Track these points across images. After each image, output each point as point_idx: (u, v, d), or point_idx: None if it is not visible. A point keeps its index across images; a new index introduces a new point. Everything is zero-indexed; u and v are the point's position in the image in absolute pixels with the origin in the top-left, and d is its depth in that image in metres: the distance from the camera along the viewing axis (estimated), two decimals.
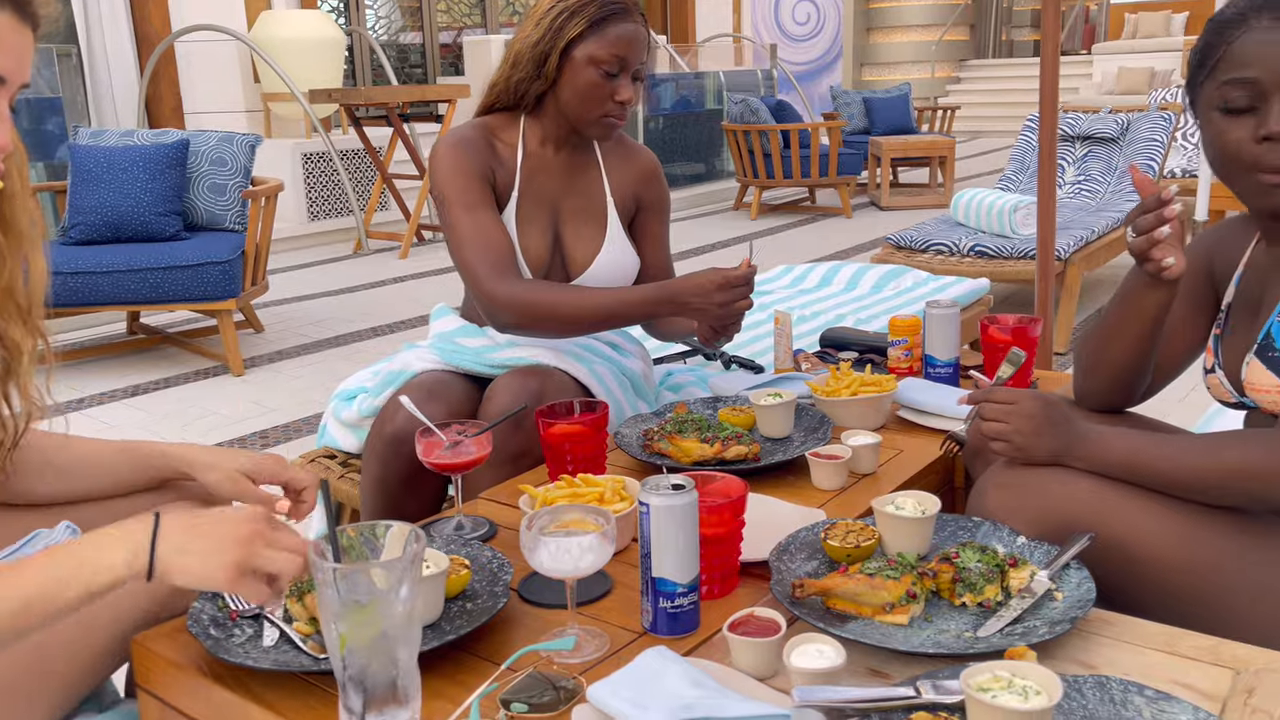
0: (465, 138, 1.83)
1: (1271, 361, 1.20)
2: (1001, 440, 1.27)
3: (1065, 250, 3.88)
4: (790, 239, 6.77)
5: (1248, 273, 1.32)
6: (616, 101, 1.77)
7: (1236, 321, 1.32)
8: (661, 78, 8.68)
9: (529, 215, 1.86)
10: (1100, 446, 1.22)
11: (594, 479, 1.39)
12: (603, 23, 1.73)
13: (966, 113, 13.86)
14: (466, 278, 1.75)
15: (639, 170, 1.97)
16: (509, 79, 1.83)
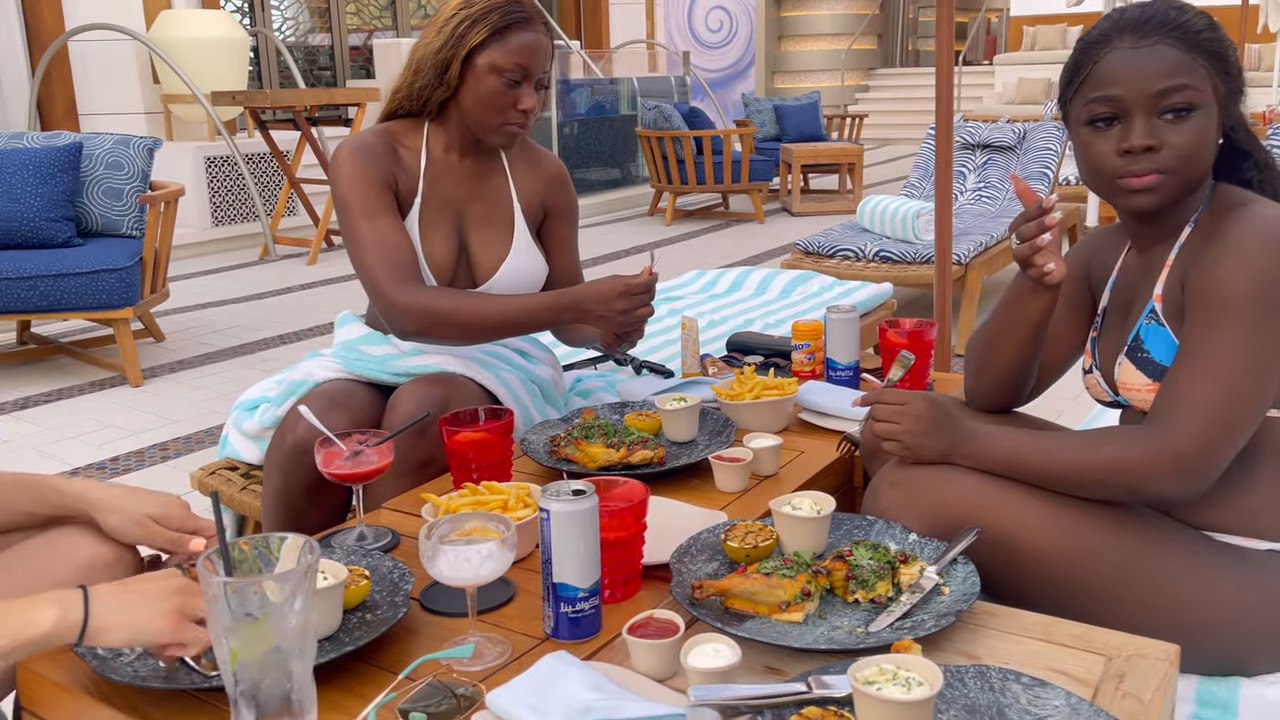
0: (367, 144, 1.82)
1: (1141, 362, 1.26)
2: (892, 440, 1.31)
3: (965, 255, 4.00)
4: (704, 244, 6.84)
5: (1120, 277, 1.39)
6: (518, 110, 1.78)
7: (1110, 324, 1.39)
8: (576, 83, 8.69)
9: (432, 221, 1.85)
10: (985, 445, 1.27)
11: (498, 486, 1.39)
12: (505, 31, 1.73)
13: (875, 120, 14.20)
14: (367, 285, 1.73)
15: (546, 177, 1.98)
16: (411, 85, 1.82)
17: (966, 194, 5.17)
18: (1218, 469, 1.16)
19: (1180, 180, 1.25)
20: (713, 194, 8.22)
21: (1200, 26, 1.23)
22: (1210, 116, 1.23)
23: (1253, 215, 1.18)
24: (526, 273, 1.91)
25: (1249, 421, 1.16)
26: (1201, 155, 1.24)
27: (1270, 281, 1.13)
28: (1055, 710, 0.91)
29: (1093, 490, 1.22)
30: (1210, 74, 1.23)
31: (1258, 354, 1.13)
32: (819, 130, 9.04)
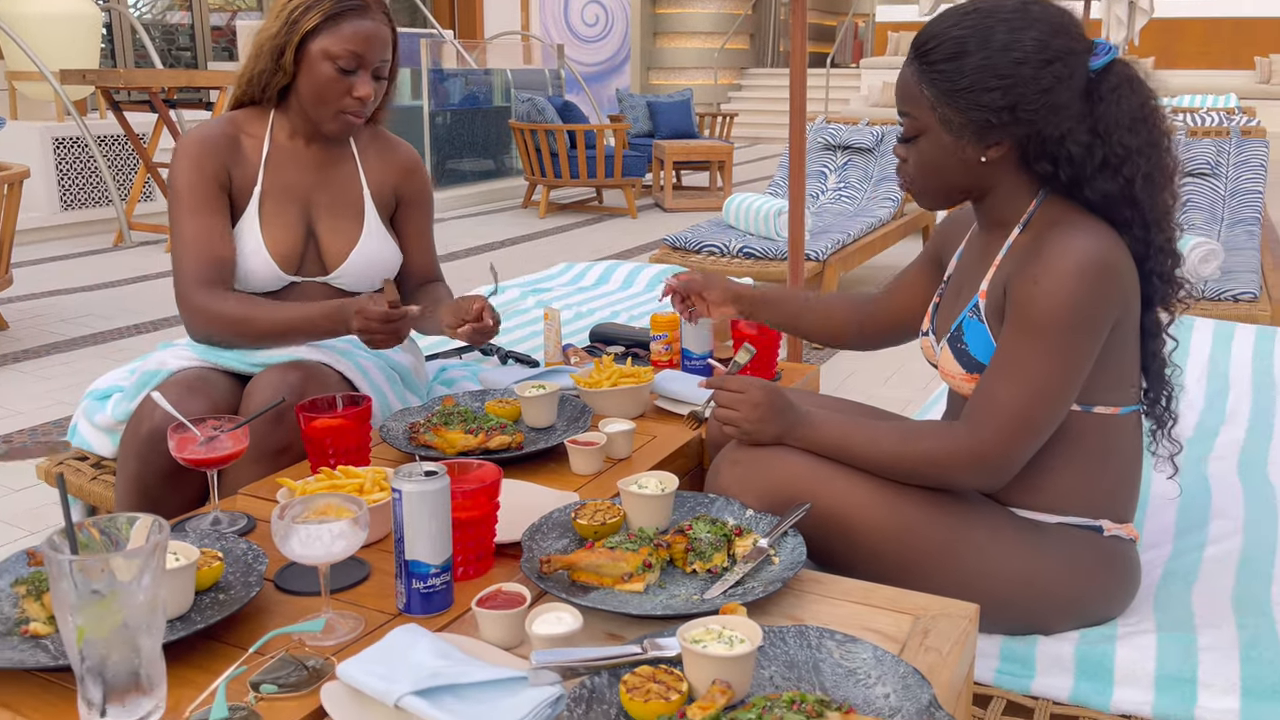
0: (207, 135, 1.83)
1: (958, 352, 1.38)
2: (731, 425, 1.40)
3: (823, 252, 4.18)
4: (578, 237, 6.89)
5: (965, 251, 1.51)
6: (354, 98, 1.79)
7: (948, 295, 1.51)
8: (449, 73, 8.61)
9: (276, 209, 1.86)
10: (815, 430, 1.38)
11: (354, 471, 1.42)
12: (338, 17, 1.75)
13: (747, 119, 14.51)
14: (175, 281, 1.77)
15: (398, 164, 2.00)
16: (251, 71, 1.83)
17: (827, 193, 5.39)
18: (1016, 467, 1.30)
19: (927, 190, 1.38)
20: (586, 188, 8.29)
21: (939, 56, 1.28)
22: (938, 141, 1.31)
23: (1073, 239, 1.25)
24: (377, 260, 1.93)
25: (1048, 428, 1.28)
26: (940, 174, 1.35)
27: (1080, 307, 1.23)
28: (863, 662, 1.01)
29: (907, 478, 1.34)
30: (936, 103, 1.29)
31: (1062, 371, 1.25)
32: (691, 127, 9.20)
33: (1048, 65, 1.25)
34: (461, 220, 7.57)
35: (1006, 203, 1.36)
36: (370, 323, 1.66)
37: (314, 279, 1.90)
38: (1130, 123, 1.28)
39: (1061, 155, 1.28)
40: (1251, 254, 3.87)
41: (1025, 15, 1.26)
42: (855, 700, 0.97)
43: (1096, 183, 1.28)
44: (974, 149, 1.31)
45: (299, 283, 1.89)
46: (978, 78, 1.26)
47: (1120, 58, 1.31)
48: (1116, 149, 1.27)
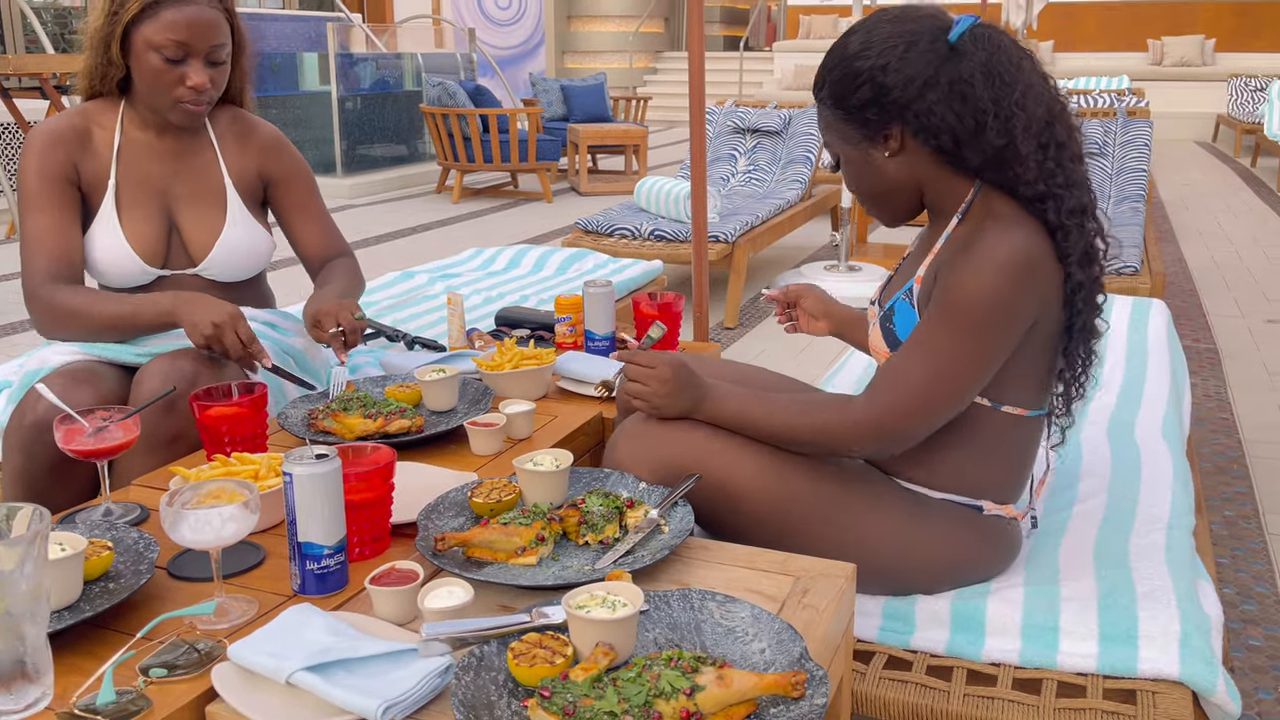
0: (56, 129, 1.81)
1: (886, 332, 1.43)
2: (640, 399, 1.44)
3: (732, 234, 4.25)
4: (493, 223, 6.87)
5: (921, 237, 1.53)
6: (187, 87, 1.77)
7: (897, 275, 1.55)
8: (358, 57, 8.47)
9: (133, 203, 1.85)
10: (718, 404, 1.42)
11: (249, 457, 1.42)
12: (158, 5, 1.72)
13: (662, 103, 14.55)
14: (23, 280, 1.77)
15: (259, 146, 1.99)
16: (88, 65, 1.81)
17: (737, 176, 5.46)
18: (909, 443, 1.36)
19: (873, 203, 1.46)
20: (501, 173, 8.24)
21: (821, 83, 1.40)
22: (850, 157, 1.42)
23: (1002, 234, 1.29)
24: (242, 248, 1.93)
25: (946, 412, 1.34)
26: (868, 186, 1.44)
27: (997, 301, 1.28)
28: (741, 620, 1.07)
29: (804, 449, 1.40)
30: (832, 123, 1.41)
31: (970, 359, 1.30)
32: (605, 111, 9.21)
33: (899, 50, 1.33)
34: (373, 207, 7.48)
35: (945, 194, 1.41)
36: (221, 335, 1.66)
37: (182, 271, 1.89)
38: (986, 78, 1.31)
39: (935, 126, 1.33)
40: (1135, 229, 4.05)
41: (878, 17, 1.38)
42: (732, 656, 1.03)
43: (976, 146, 1.32)
44: (874, 149, 1.39)
45: (167, 276, 1.87)
46: (843, 85, 1.37)
47: (982, 22, 1.35)
48: (981, 105, 1.30)
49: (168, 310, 1.71)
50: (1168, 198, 7.58)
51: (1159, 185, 8.02)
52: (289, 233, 2.06)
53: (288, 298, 2.14)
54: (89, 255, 1.85)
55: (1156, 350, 2.39)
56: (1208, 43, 13.22)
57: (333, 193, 7.77)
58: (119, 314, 1.74)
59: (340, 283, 1.98)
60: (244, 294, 2.00)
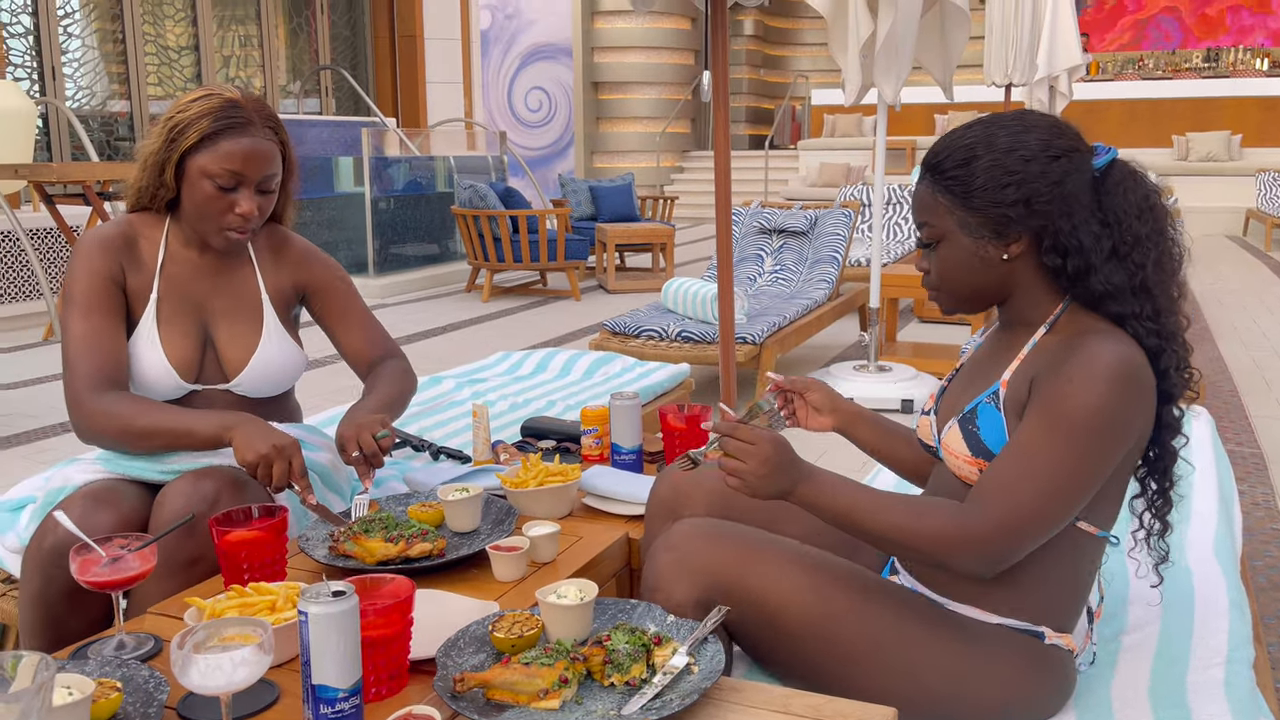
0: (106, 236, 1.84)
1: (969, 435, 1.38)
2: (737, 476, 1.36)
3: (760, 335, 4.23)
4: (522, 321, 6.91)
5: (984, 343, 1.53)
6: (236, 214, 1.80)
7: (959, 381, 1.52)
8: (392, 160, 8.69)
9: (172, 318, 1.86)
10: (821, 490, 1.35)
11: (267, 587, 1.38)
12: (217, 136, 1.76)
13: (689, 200, 14.79)
14: (65, 382, 1.75)
15: (291, 259, 2.00)
16: (138, 184, 1.84)
17: (764, 276, 5.48)
18: (1014, 559, 1.29)
19: (954, 293, 1.43)
20: (530, 272, 8.34)
21: (950, 165, 1.37)
22: (958, 244, 1.38)
23: (1107, 345, 1.28)
24: (276, 364, 1.92)
25: (1052, 527, 1.28)
26: (962, 276, 1.40)
27: (1111, 411, 1.25)
28: None
29: (908, 554, 1.33)
30: (952, 208, 1.37)
31: (1082, 471, 1.26)
32: (633, 210, 9.35)
33: (1055, 160, 1.32)
34: (405, 306, 7.56)
35: (1031, 304, 1.40)
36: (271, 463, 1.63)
37: (214, 386, 1.88)
38: (1138, 211, 1.34)
39: (1073, 245, 1.32)
40: None
41: (1024, 121, 1.35)
42: None
43: (1106, 272, 1.32)
44: (994, 247, 1.36)
45: (200, 391, 1.87)
46: (990, 177, 1.33)
47: (1121, 157, 1.39)
48: (1126, 236, 1.33)
49: (225, 427, 1.68)
50: (1200, 294, 7.52)
51: (1190, 281, 7.95)
52: (333, 340, 2.06)
53: (309, 400, 2.12)
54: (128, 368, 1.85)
55: (1202, 462, 2.32)
56: (1234, 138, 13.30)
57: (365, 292, 7.86)
58: (171, 428, 1.71)
59: (381, 391, 1.96)
60: (272, 409, 1.99)
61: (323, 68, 10.95)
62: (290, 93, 10.77)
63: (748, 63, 18.68)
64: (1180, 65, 16.34)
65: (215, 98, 1.79)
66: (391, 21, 11.51)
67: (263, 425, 1.68)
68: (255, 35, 10.34)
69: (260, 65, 10.40)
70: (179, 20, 9.57)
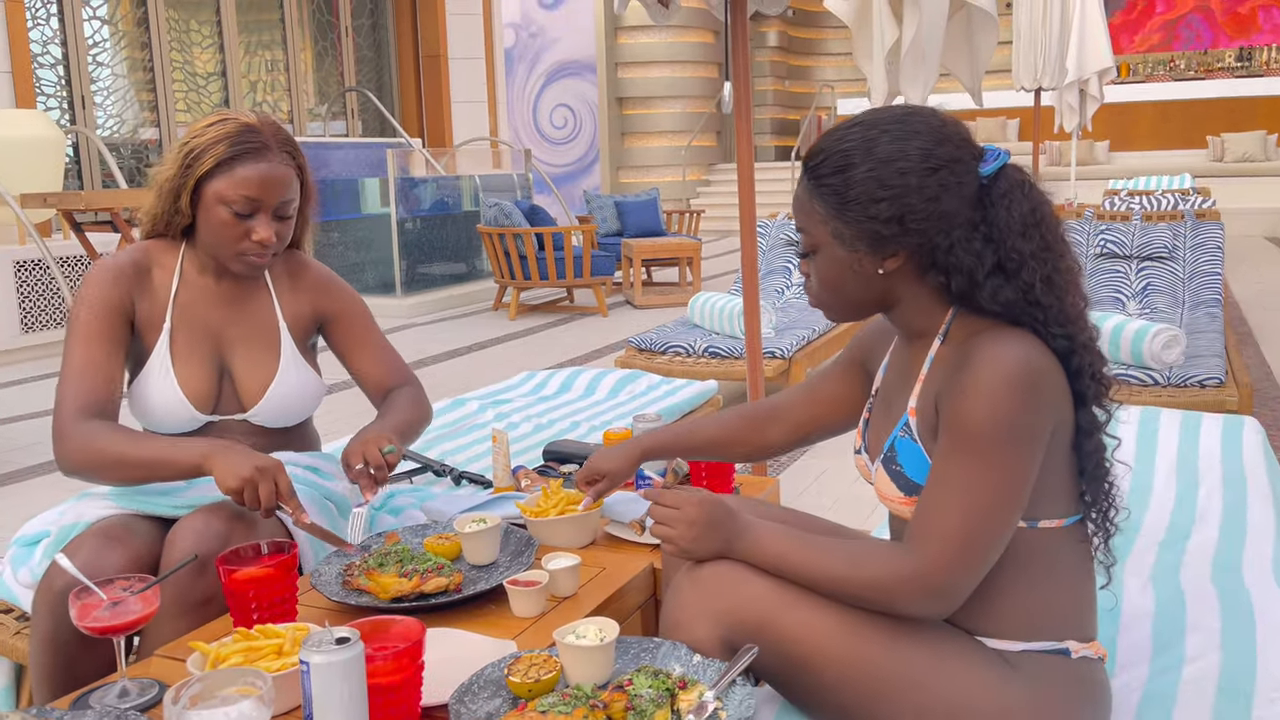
0: (118, 265, 1.79)
1: (894, 475, 1.31)
2: (668, 542, 1.34)
3: (789, 349, 4.15)
4: (549, 338, 6.87)
5: (890, 362, 1.46)
6: (252, 241, 1.75)
7: (877, 411, 1.45)
8: (417, 180, 8.70)
9: (187, 347, 1.81)
10: (756, 546, 1.31)
11: (274, 629, 1.33)
12: (233, 161, 1.71)
13: (716, 213, 14.72)
14: (54, 411, 1.70)
15: (310, 286, 1.95)
16: (153, 210, 1.80)
17: (792, 289, 5.39)
18: (965, 592, 1.22)
19: (832, 305, 1.35)
20: (557, 288, 8.31)
21: (827, 170, 1.27)
22: (833, 255, 1.29)
23: (998, 347, 1.21)
24: (294, 393, 1.87)
25: (994, 548, 1.21)
26: (840, 288, 1.32)
27: (1014, 418, 1.18)
28: None
29: (852, 603, 1.27)
30: (828, 217, 1.27)
31: (1003, 486, 1.19)
32: (659, 225, 9.30)
33: (933, 173, 1.23)
34: (432, 325, 7.55)
35: (919, 314, 1.33)
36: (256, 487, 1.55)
37: (231, 416, 1.84)
38: (1022, 228, 1.25)
39: (952, 264, 1.25)
40: (1214, 336, 3.86)
41: (907, 126, 1.24)
42: None
43: (991, 289, 1.24)
44: (870, 261, 1.28)
45: (216, 422, 1.83)
46: (865, 189, 1.24)
47: (1012, 163, 1.29)
48: (1011, 254, 1.24)
49: (203, 455, 1.61)
50: (1241, 297, 7.34)
51: (1232, 284, 7.77)
52: (349, 368, 2.01)
53: (331, 426, 2.07)
54: (141, 399, 1.82)
55: (1255, 474, 2.21)
56: (1270, 138, 13.04)
57: (393, 312, 7.88)
58: (147, 459, 1.64)
59: (392, 416, 1.90)
60: (290, 439, 1.94)
61: (348, 90, 11.02)
62: (317, 115, 10.85)
63: (772, 74, 18.62)
64: (1212, 65, 16.07)
65: (231, 122, 1.75)
66: (415, 42, 11.57)
67: (242, 450, 1.61)
68: (281, 59, 10.42)
69: (286, 89, 10.48)
70: (206, 46, 9.67)
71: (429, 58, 11.53)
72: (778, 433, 1.61)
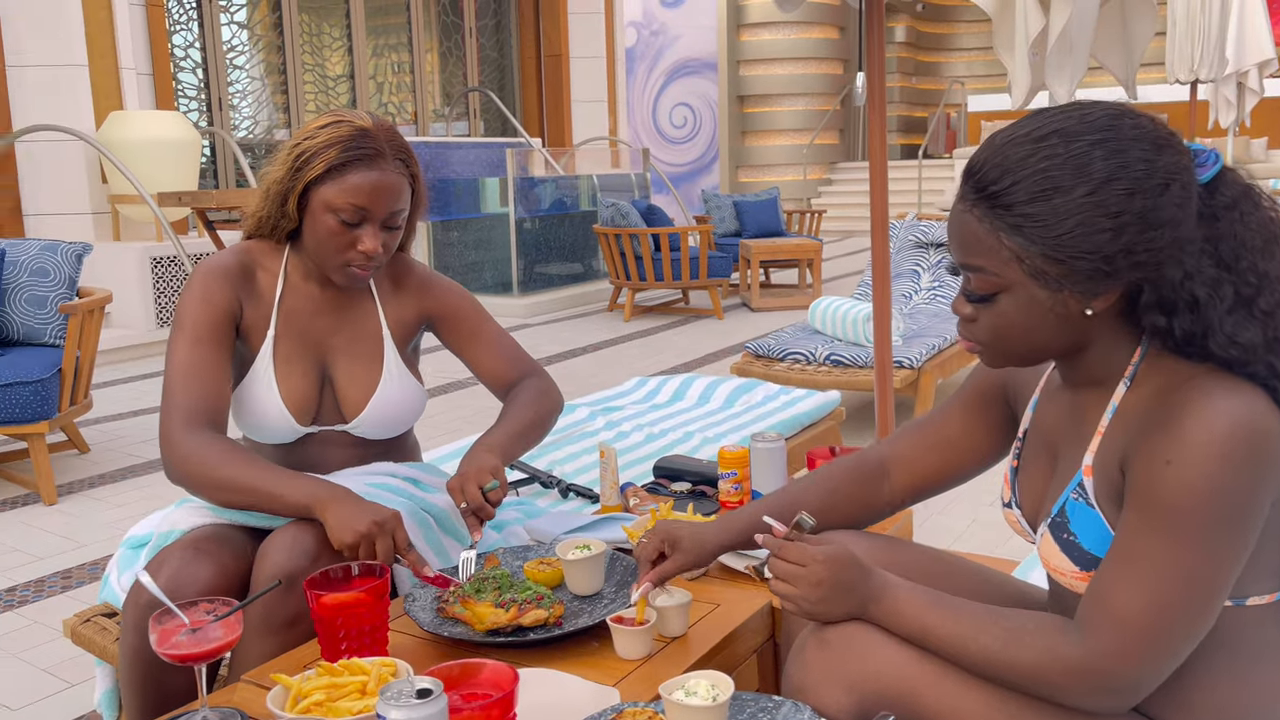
0: (224, 264, 1.72)
1: (1066, 544, 1.11)
2: (789, 602, 1.17)
3: (918, 359, 3.92)
4: (663, 340, 6.75)
5: (1044, 402, 1.25)
6: (358, 251, 1.66)
7: (1032, 458, 1.25)
8: (536, 180, 8.72)
9: (289, 356, 1.74)
10: (894, 613, 1.14)
11: (360, 664, 1.23)
12: (344, 167, 1.62)
13: (838, 213, 14.38)
14: (160, 413, 1.61)
15: (412, 287, 1.86)
16: (259, 214, 1.73)
17: (921, 293, 5.13)
18: (1146, 688, 1.02)
19: (1009, 352, 1.12)
20: (672, 289, 8.18)
21: (1021, 196, 1.02)
22: (1028, 297, 1.05)
23: (1211, 405, 0.99)
24: (396, 404, 1.79)
25: (1184, 641, 1.01)
26: (1028, 334, 1.08)
27: (1228, 494, 0.97)
28: None
29: (1011, 688, 1.08)
30: (1026, 253, 1.03)
31: (1198, 571, 0.98)
32: (778, 225, 9.08)
33: (1164, 190, 1.00)
34: (548, 326, 7.53)
35: (1106, 358, 1.11)
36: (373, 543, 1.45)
37: (332, 428, 1.76)
38: (1263, 243, 1.03)
39: (1184, 300, 1.02)
40: None
41: (1118, 133, 1.01)
42: None
43: (1230, 329, 1.01)
44: (1077, 301, 1.06)
45: (316, 433, 1.76)
46: (1082, 219, 1.01)
47: (1227, 165, 1.07)
48: (1249, 278, 1.02)
49: (315, 500, 1.51)
50: None
51: None
52: (468, 364, 1.92)
53: (428, 434, 1.99)
54: (243, 406, 1.76)
55: None
56: None
57: (509, 312, 7.90)
58: (255, 486, 1.55)
59: (512, 419, 1.80)
60: (389, 450, 1.86)
61: (470, 90, 11.15)
62: (441, 116, 11.01)
63: (899, 70, 18.11)
64: None
65: (345, 125, 1.66)
66: (538, 42, 11.63)
67: (357, 500, 1.51)
68: (407, 61, 10.62)
69: (411, 90, 10.67)
70: (336, 49, 9.92)
71: (551, 57, 11.58)
72: (893, 488, 1.39)
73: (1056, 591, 1.21)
